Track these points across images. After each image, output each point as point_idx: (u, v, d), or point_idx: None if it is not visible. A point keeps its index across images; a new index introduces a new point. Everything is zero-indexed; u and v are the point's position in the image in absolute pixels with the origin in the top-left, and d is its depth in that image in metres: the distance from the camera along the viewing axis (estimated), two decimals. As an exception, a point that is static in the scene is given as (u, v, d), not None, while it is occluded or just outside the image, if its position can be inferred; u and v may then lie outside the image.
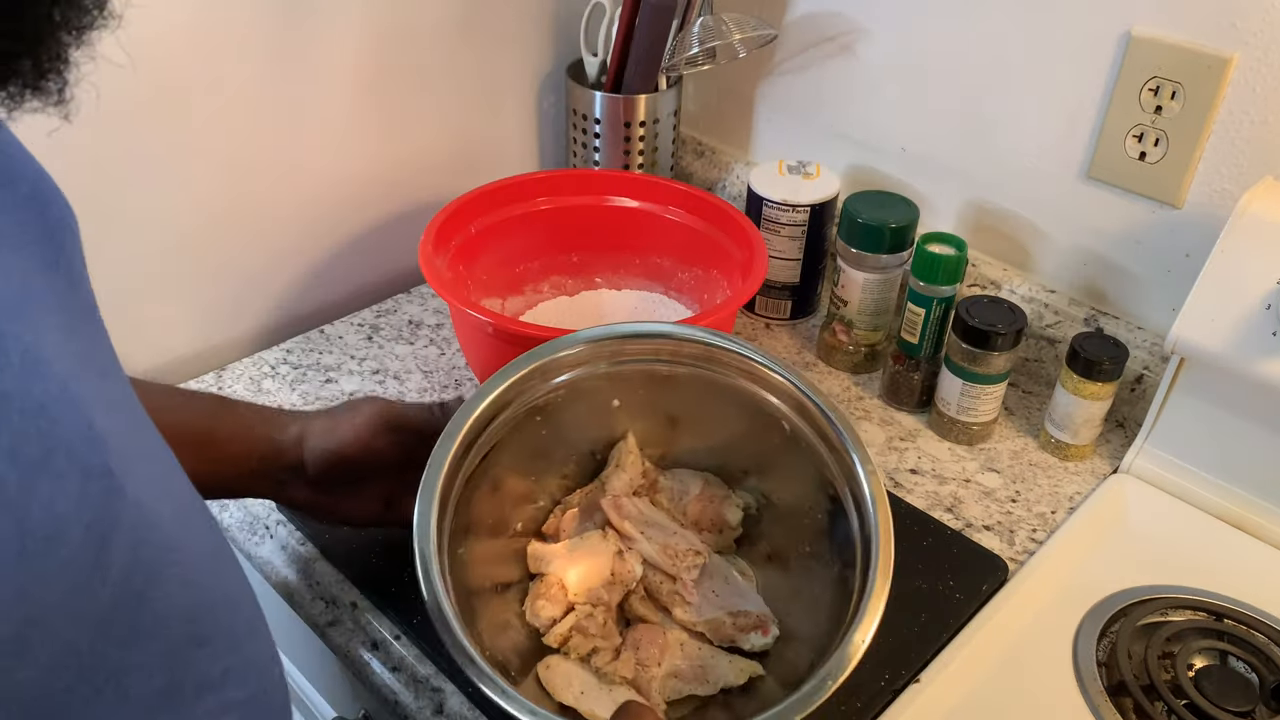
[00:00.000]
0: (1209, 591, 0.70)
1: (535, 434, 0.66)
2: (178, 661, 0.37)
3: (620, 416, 0.70)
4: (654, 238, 0.94)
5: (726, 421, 0.68)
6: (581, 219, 0.94)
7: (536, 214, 0.93)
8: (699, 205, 0.91)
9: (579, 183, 0.94)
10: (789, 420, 0.64)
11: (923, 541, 0.74)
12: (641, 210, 0.94)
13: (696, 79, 1.12)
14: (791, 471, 0.65)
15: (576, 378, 0.65)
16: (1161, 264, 0.84)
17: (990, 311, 0.80)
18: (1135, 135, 0.80)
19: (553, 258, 0.95)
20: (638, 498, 0.68)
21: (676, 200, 0.92)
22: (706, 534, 0.68)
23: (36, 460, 0.28)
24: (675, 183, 0.93)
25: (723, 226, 0.89)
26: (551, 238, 0.94)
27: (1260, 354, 0.70)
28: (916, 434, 0.86)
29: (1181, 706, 0.62)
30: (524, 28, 1.04)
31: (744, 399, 0.65)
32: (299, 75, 0.88)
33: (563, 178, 0.94)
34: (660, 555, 0.65)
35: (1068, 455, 0.83)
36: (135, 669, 0.35)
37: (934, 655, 0.66)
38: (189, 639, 0.37)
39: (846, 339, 0.91)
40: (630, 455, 0.69)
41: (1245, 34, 0.73)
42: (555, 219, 0.94)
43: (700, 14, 0.96)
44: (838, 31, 0.97)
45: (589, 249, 0.95)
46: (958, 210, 0.95)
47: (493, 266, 0.91)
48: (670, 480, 0.70)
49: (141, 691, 0.36)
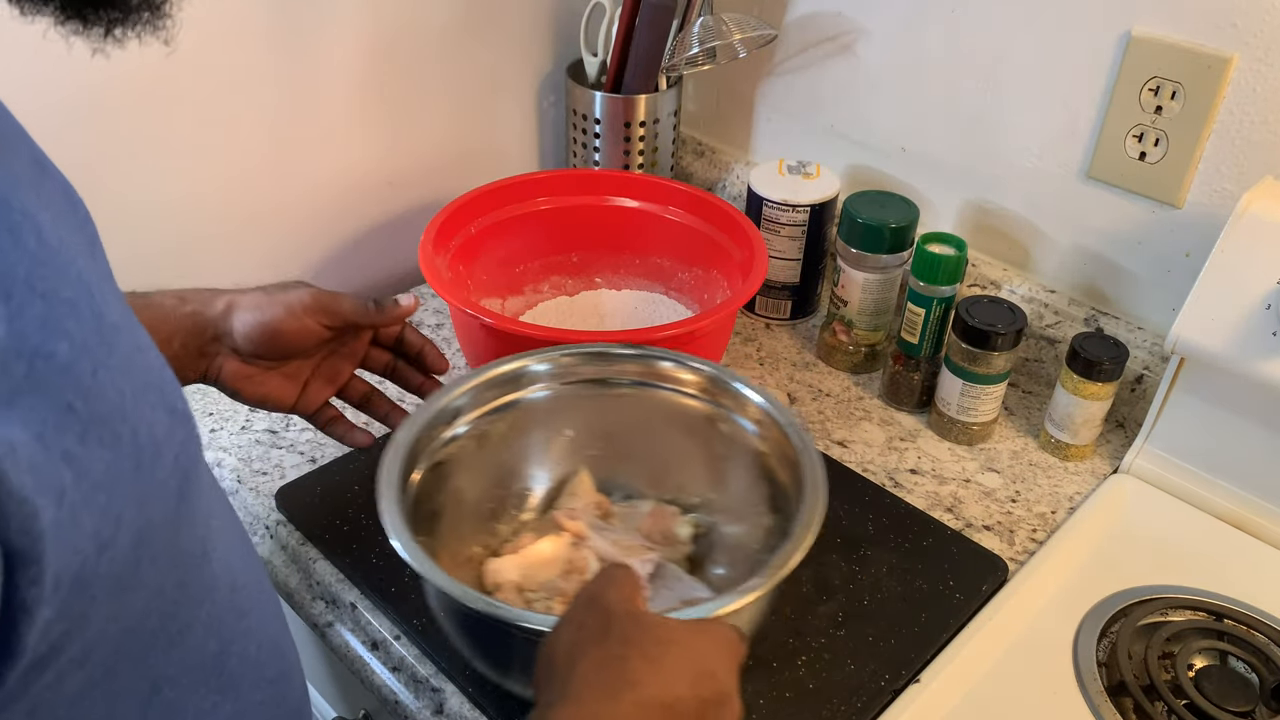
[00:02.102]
0: (1209, 591, 0.70)
1: (487, 460, 0.68)
2: (224, 630, 0.38)
3: (572, 447, 0.72)
4: (654, 238, 0.94)
5: (672, 441, 0.71)
6: (582, 219, 0.94)
7: (536, 214, 0.93)
8: (699, 205, 0.91)
9: (580, 183, 0.94)
10: (724, 420, 0.68)
11: (923, 541, 0.74)
12: (641, 210, 0.94)
13: (696, 79, 1.12)
14: (738, 485, 0.68)
15: (527, 401, 0.69)
16: (1161, 264, 0.84)
17: (990, 311, 0.80)
18: (1135, 135, 0.80)
19: (553, 258, 0.95)
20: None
21: (676, 200, 0.92)
22: (658, 546, 0.68)
23: (139, 388, 0.32)
24: (675, 183, 0.93)
25: (723, 226, 0.89)
26: (551, 238, 0.94)
27: (1260, 354, 0.70)
28: (916, 434, 0.86)
29: (1181, 706, 0.62)
30: (524, 28, 1.04)
31: (684, 415, 0.69)
32: (299, 76, 0.88)
33: (563, 178, 0.94)
34: (613, 549, 0.66)
35: (1068, 455, 0.83)
36: (196, 626, 0.37)
37: (934, 655, 0.66)
38: (234, 610, 0.39)
39: (846, 339, 0.91)
40: (583, 485, 0.71)
41: (1245, 34, 0.73)
42: (555, 219, 0.94)
43: (700, 14, 0.96)
44: (838, 31, 0.97)
45: (589, 249, 0.96)
46: (958, 210, 0.95)
47: (493, 266, 0.91)
48: (622, 508, 0.71)
49: (199, 655, 0.36)
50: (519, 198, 0.92)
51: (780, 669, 0.64)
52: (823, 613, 0.68)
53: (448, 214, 0.86)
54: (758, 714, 0.62)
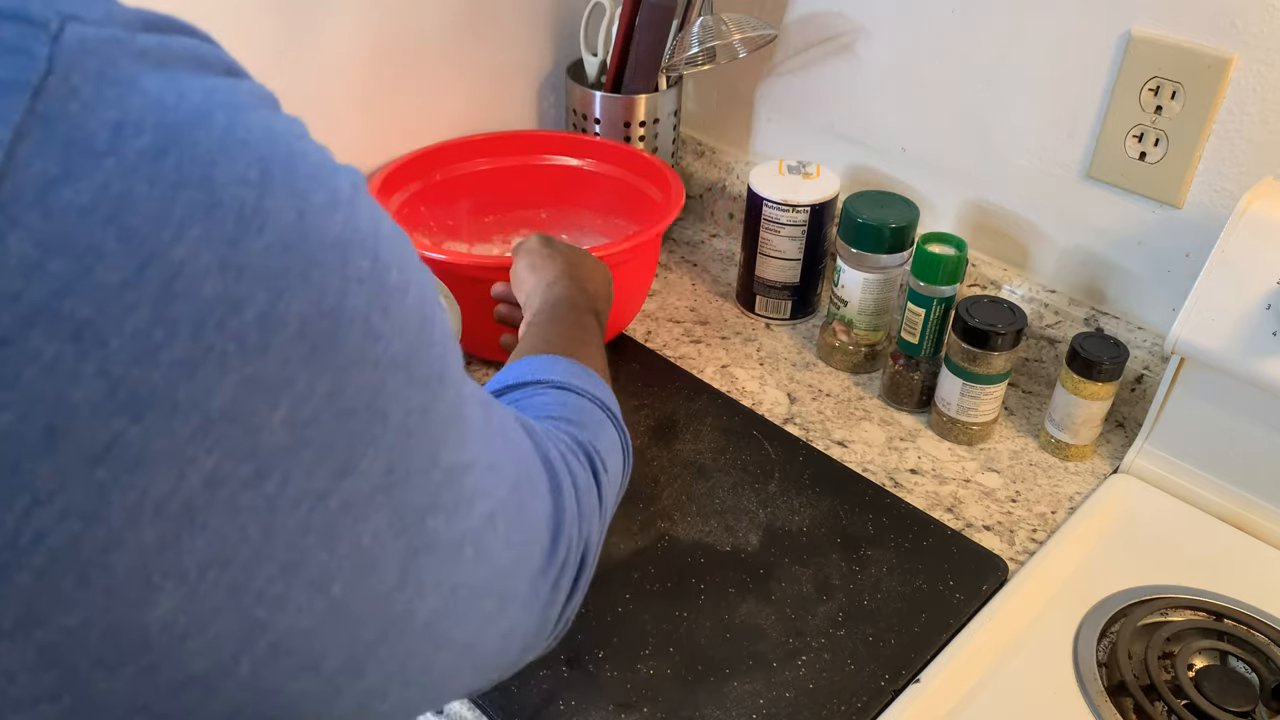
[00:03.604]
0: (1209, 591, 0.70)
1: None
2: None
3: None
4: (599, 194, 1.03)
5: None
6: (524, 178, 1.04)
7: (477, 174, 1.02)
8: (624, 158, 1.00)
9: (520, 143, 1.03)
10: None
11: (923, 541, 0.74)
12: (581, 169, 1.03)
13: (696, 79, 1.12)
14: None
15: None
16: (1161, 264, 0.84)
17: (990, 311, 0.80)
18: (1135, 135, 0.80)
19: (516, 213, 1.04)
20: None
21: (602, 156, 1.02)
22: None
23: None
24: (590, 137, 1.02)
25: (646, 174, 0.98)
26: (501, 197, 1.02)
27: (1260, 354, 0.70)
28: (916, 434, 0.86)
29: (1181, 706, 0.62)
30: (524, 28, 1.04)
31: None
32: (298, 76, 0.88)
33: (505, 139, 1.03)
34: None
35: (1068, 455, 0.83)
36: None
37: (934, 655, 0.66)
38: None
39: (846, 339, 0.91)
40: None
41: (1245, 34, 0.73)
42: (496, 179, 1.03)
43: (700, 14, 0.96)
44: (838, 31, 0.97)
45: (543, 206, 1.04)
46: (958, 210, 0.95)
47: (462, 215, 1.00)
48: None
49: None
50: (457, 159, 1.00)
51: (780, 669, 0.64)
52: (823, 613, 0.68)
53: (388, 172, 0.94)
54: (758, 714, 0.62)
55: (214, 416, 0.24)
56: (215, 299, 0.23)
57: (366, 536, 0.28)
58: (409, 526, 0.30)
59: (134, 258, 0.22)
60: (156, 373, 0.23)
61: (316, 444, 0.26)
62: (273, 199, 0.25)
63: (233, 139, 0.24)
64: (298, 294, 0.25)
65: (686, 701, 0.62)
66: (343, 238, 0.26)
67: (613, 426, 0.52)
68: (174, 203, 0.23)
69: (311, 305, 0.25)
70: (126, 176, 0.22)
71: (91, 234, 0.22)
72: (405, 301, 0.28)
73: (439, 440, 0.30)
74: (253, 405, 0.24)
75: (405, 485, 0.29)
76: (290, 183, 0.25)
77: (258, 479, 0.25)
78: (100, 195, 0.22)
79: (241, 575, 0.25)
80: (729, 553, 0.73)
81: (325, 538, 0.27)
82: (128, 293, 0.22)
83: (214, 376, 0.23)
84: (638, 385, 0.89)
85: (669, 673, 0.64)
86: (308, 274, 0.25)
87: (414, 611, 0.31)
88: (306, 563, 0.27)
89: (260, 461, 0.25)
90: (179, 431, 0.23)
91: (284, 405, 0.25)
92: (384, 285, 0.27)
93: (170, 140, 0.23)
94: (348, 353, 0.26)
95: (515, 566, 0.37)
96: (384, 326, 0.27)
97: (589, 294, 0.67)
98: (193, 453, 0.23)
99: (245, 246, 0.24)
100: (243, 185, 0.24)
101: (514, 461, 0.37)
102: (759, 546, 0.74)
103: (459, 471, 0.32)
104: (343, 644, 0.29)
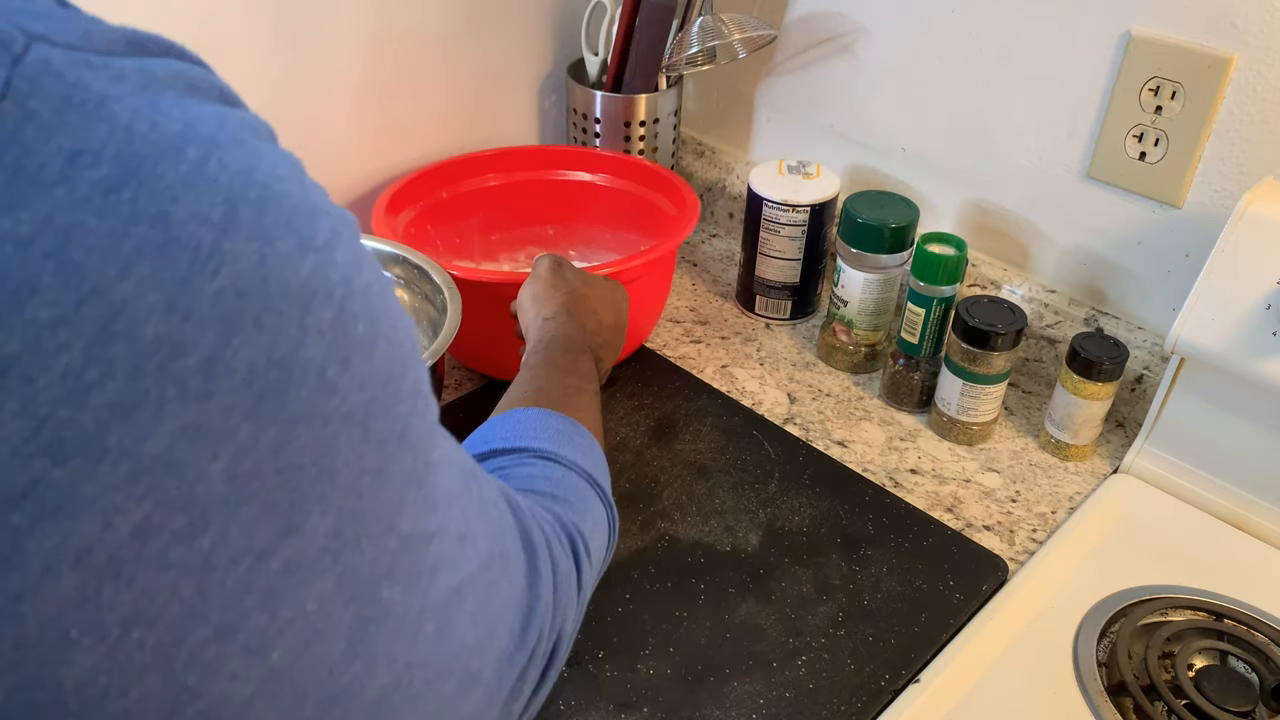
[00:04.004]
0: (1209, 591, 0.70)
1: None
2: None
3: None
4: (608, 209, 1.01)
5: None
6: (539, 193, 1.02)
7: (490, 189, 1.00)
8: (640, 173, 0.98)
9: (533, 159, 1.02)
10: None
11: (923, 541, 0.74)
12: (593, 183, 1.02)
13: (697, 79, 1.12)
14: None
15: None
16: (1161, 264, 0.84)
17: (990, 311, 0.80)
18: (1135, 135, 0.80)
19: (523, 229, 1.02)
20: None
21: (620, 171, 1.01)
22: None
23: None
24: (607, 152, 1.01)
25: (658, 187, 0.97)
26: (512, 213, 1.01)
27: (1260, 354, 0.70)
28: (916, 434, 0.86)
29: (1181, 706, 0.62)
30: (524, 27, 1.04)
31: None
32: (298, 76, 0.88)
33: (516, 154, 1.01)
34: None
35: (1068, 455, 0.83)
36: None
37: (934, 655, 0.66)
38: None
39: (846, 339, 0.91)
40: None
41: (1245, 34, 0.73)
42: (510, 194, 1.01)
43: (700, 14, 0.96)
44: (838, 31, 0.97)
45: (554, 222, 1.03)
46: (958, 210, 0.95)
47: (469, 233, 0.97)
48: None
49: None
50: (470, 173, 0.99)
51: (780, 669, 0.64)
52: (823, 613, 0.69)
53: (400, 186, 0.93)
54: (758, 714, 0.62)
55: (147, 463, 0.22)
56: (158, 340, 0.22)
57: (311, 602, 0.26)
58: (360, 594, 0.28)
59: (72, 293, 0.21)
60: (86, 414, 0.21)
61: (258, 499, 0.24)
62: (233, 241, 0.23)
63: (201, 175, 0.23)
64: (249, 341, 0.24)
65: (686, 701, 0.62)
66: (308, 286, 0.25)
67: (599, 502, 0.50)
68: (125, 238, 0.22)
69: (262, 353, 0.24)
70: (75, 209, 0.22)
71: (27, 266, 0.21)
72: (370, 356, 0.27)
73: (397, 504, 0.29)
74: (191, 454, 0.23)
75: (355, 550, 0.27)
76: (257, 225, 0.24)
77: (192, 532, 0.23)
78: (42, 227, 0.21)
79: (170, 636, 0.24)
80: (729, 553, 0.73)
81: (265, 600, 0.25)
82: (61, 329, 0.21)
83: (150, 421, 0.22)
84: (637, 385, 0.89)
85: (669, 673, 0.64)
86: (261, 321, 0.24)
87: (362, 686, 0.29)
88: (244, 626, 0.25)
89: (196, 514, 0.23)
90: (107, 477, 0.22)
91: (224, 456, 0.24)
92: (346, 338, 0.26)
93: (129, 172, 0.22)
94: (297, 405, 0.25)
95: (481, 648, 0.34)
96: (341, 381, 0.26)
97: (588, 330, 0.65)
98: (121, 501, 0.22)
99: (196, 288, 0.23)
100: (202, 224, 0.23)
101: (490, 536, 0.35)
102: (759, 546, 0.74)
103: (420, 540, 0.30)
104: (280, 717, 0.27)
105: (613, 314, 0.69)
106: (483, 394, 0.88)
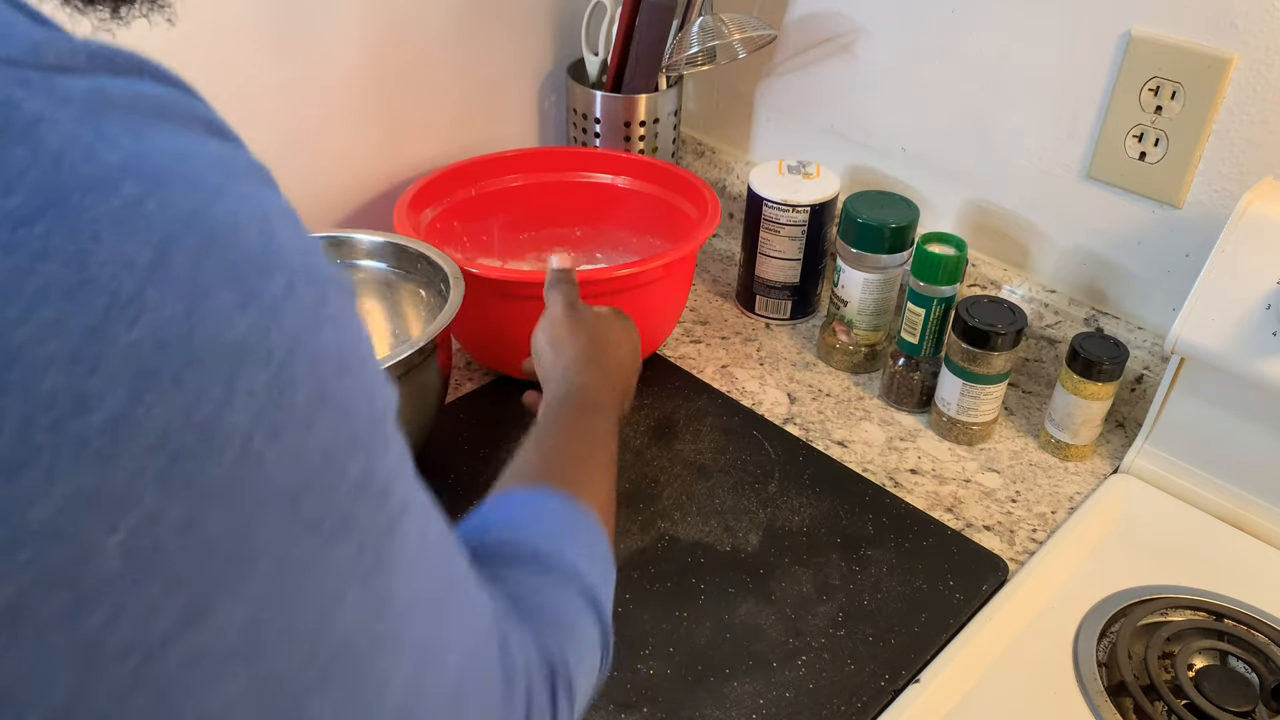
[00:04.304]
0: (1209, 591, 0.70)
1: None
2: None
3: None
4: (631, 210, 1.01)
5: None
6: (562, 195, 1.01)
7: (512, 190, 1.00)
8: (660, 176, 0.98)
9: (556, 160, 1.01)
10: None
11: (923, 541, 0.74)
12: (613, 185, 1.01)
13: (696, 79, 1.12)
14: None
15: None
16: (1161, 264, 0.84)
17: (990, 311, 0.80)
18: (1135, 135, 0.80)
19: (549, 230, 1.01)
20: None
21: (641, 174, 1.00)
22: None
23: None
24: (632, 156, 1.00)
25: (682, 191, 0.96)
26: (535, 213, 1.00)
27: (1260, 354, 0.70)
28: (916, 434, 0.86)
29: (1181, 706, 0.62)
30: (524, 27, 1.04)
31: None
32: (298, 77, 0.88)
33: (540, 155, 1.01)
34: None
35: (1068, 455, 0.83)
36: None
37: (934, 655, 0.66)
38: None
39: (846, 339, 0.91)
40: None
41: (1245, 34, 0.73)
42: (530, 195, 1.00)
43: (700, 14, 0.96)
44: (837, 31, 0.97)
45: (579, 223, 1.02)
46: (958, 210, 0.95)
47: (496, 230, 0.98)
48: None
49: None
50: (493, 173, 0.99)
51: (780, 669, 0.64)
52: (823, 613, 0.69)
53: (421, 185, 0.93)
54: (758, 714, 0.62)
55: (31, 530, 0.19)
56: (57, 394, 0.19)
57: (216, 707, 0.23)
58: (277, 706, 0.24)
59: None
60: None
61: (159, 580, 0.21)
62: (158, 289, 0.21)
63: (134, 213, 0.21)
64: (165, 398, 0.21)
65: (686, 701, 0.62)
66: (244, 344, 0.22)
67: (594, 627, 0.44)
68: (30, 276, 0.19)
69: (180, 413, 0.21)
70: None
71: None
72: (308, 429, 0.24)
73: (332, 602, 0.25)
74: (84, 523, 0.20)
75: (274, 652, 0.24)
76: (191, 274, 0.21)
77: (76, 612, 0.20)
78: None
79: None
80: (729, 553, 0.73)
81: (159, 699, 0.22)
82: None
83: (38, 484, 0.19)
84: (638, 385, 0.89)
85: (669, 673, 0.64)
86: (182, 377, 0.21)
87: None
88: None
89: (82, 592, 0.20)
90: None
91: (123, 528, 0.20)
92: (281, 406, 0.23)
93: (47, 204, 0.20)
94: (215, 476, 0.22)
95: None
96: (269, 452, 0.23)
97: (610, 373, 0.63)
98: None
99: (108, 337, 0.20)
100: (125, 267, 0.20)
101: (465, 654, 0.32)
102: (759, 546, 0.74)
103: (364, 647, 0.26)
104: None
105: (629, 347, 0.68)
106: (491, 390, 0.88)
